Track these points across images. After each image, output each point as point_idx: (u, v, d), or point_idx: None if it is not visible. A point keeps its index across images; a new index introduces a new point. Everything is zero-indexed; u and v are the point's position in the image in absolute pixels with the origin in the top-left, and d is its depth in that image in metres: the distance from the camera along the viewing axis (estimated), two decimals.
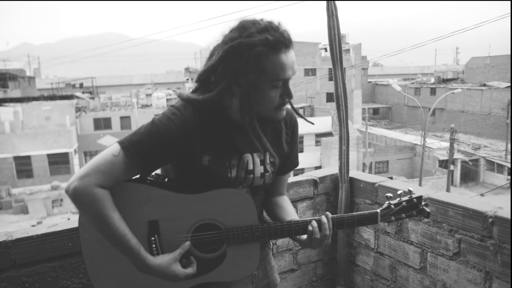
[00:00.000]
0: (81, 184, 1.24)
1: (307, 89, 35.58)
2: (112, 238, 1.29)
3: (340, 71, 2.31)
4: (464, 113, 35.28)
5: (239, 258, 1.43)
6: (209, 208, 1.38)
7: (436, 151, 25.85)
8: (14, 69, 40.19)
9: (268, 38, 1.23)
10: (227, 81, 1.29)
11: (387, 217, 1.44)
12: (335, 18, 2.24)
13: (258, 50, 1.23)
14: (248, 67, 1.24)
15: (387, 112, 46.65)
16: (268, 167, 1.49)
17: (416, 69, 67.20)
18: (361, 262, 2.41)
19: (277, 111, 1.37)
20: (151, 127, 1.30)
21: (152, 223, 1.37)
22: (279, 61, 1.26)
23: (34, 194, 22.60)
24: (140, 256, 1.31)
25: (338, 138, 2.41)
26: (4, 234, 1.64)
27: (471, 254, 1.79)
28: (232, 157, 1.41)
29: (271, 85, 1.29)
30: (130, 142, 1.28)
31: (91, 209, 1.26)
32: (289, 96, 1.35)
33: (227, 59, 1.27)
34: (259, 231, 1.40)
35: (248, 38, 1.24)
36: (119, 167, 1.27)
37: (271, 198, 1.64)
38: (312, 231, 1.39)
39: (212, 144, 1.38)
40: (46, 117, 29.32)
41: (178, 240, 1.38)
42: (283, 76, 1.28)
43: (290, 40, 1.28)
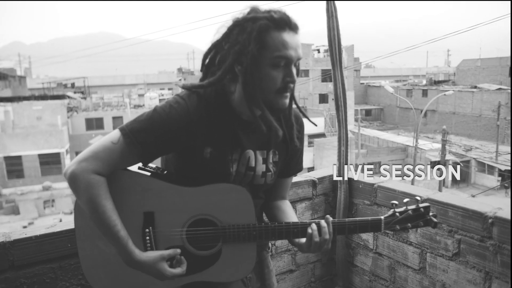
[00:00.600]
0: (78, 168, 1.24)
1: (299, 90, 35.65)
2: (101, 226, 1.28)
3: (339, 72, 2.32)
4: (455, 114, 35.60)
5: (234, 258, 1.39)
6: (206, 203, 1.35)
7: (428, 152, 26.04)
8: (4, 68, 39.79)
9: (273, 15, 1.24)
10: (231, 58, 1.26)
11: (391, 225, 1.40)
12: (335, 19, 2.24)
13: (261, 23, 1.23)
14: (250, 40, 1.22)
15: (380, 114, 46.91)
16: (270, 167, 1.46)
17: (408, 71, 67.67)
18: (360, 262, 2.41)
19: (279, 96, 1.30)
20: (152, 114, 1.28)
21: (148, 215, 1.35)
22: (281, 38, 1.24)
23: (25, 195, 22.36)
24: (127, 249, 1.29)
25: (337, 138, 2.41)
26: (2, 235, 1.62)
27: (471, 254, 1.80)
28: (234, 151, 1.39)
29: (273, 62, 1.25)
30: (130, 129, 1.26)
31: (85, 194, 1.25)
32: (291, 79, 1.29)
33: (232, 32, 1.27)
34: (256, 231, 1.37)
35: (253, 14, 1.26)
36: (118, 155, 1.26)
37: (272, 202, 1.61)
38: (312, 234, 1.36)
39: (215, 137, 1.35)
40: (37, 117, 29.02)
41: (172, 234, 1.36)
42: (285, 53, 1.25)
43: (295, 24, 1.27)
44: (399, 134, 34.60)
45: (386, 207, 2.19)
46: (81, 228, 1.38)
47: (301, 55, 1.32)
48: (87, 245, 1.39)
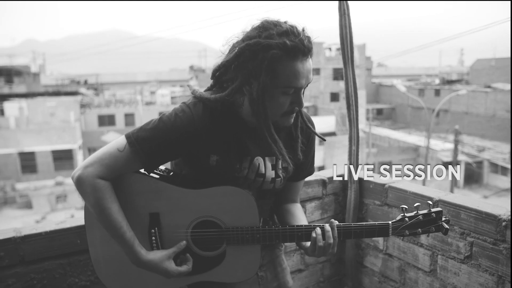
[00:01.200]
0: (84, 173, 1.27)
1: (311, 88, 35.51)
2: (108, 228, 1.31)
3: (351, 70, 2.29)
4: (468, 114, 35.12)
5: (239, 260, 1.41)
6: (210, 205, 1.37)
7: (439, 152, 25.75)
8: (19, 65, 40.28)
9: (286, 42, 1.20)
10: (240, 80, 1.27)
11: (400, 230, 1.36)
12: (347, 17, 2.21)
13: (273, 53, 1.20)
14: (261, 69, 1.22)
15: (391, 113, 46.51)
16: (279, 173, 1.46)
17: (420, 70, 66.93)
18: (369, 263, 2.39)
19: (284, 118, 1.34)
20: (158, 124, 1.30)
21: (153, 216, 1.37)
22: (294, 68, 1.23)
23: (39, 190, 22.66)
24: (133, 249, 1.32)
25: (348, 138, 2.38)
26: (12, 230, 1.64)
27: (483, 257, 1.76)
28: (243, 159, 1.39)
29: (282, 91, 1.26)
30: (136, 138, 1.29)
31: (91, 198, 1.28)
32: (299, 105, 1.31)
33: (242, 57, 1.25)
34: (260, 233, 1.37)
35: (266, 39, 1.22)
36: (123, 162, 1.28)
37: (283, 205, 1.60)
38: (315, 239, 1.35)
39: (221, 145, 1.36)
40: (50, 113, 29.38)
41: (177, 234, 1.38)
42: (295, 84, 1.25)
43: (309, 48, 1.25)
44: (410, 134, 34.27)
45: (397, 207, 2.17)
46: (91, 224, 1.40)
47: (311, 79, 1.31)
48: (97, 241, 1.41)
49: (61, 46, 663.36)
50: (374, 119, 40.90)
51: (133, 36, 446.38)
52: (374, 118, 41.83)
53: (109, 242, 1.38)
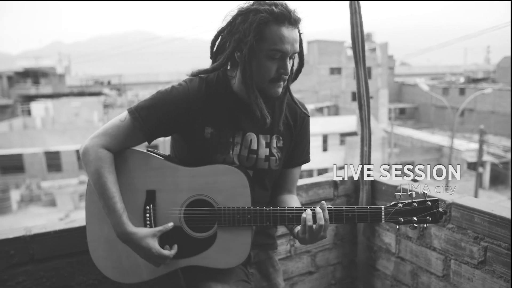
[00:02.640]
0: (90, 143, 1.36)
1: (332, 88, 35.23)
2: (101, 197, 1.36)
3: (362, 70, 2.25)
4: (494, 114, 34.14)
5: (230, 243, 1.41)
6: (205, 183, 1.39)
7: (464, 152, 25.11)
8: (45, 67, 41.40)
9: (273, 9, 1.30)
10: (232, 46, 1.34)
11: (393, 216, 1.34)
12: (358, 15, 2.18)
13: (261, 16, 1.29)
14: (250, 30, 1.29)
15: (414, 112, 45.68)
16: (274, 151, 1.49)
17: (444, 69, 65.40)
18: (382, 266, 2.34)
19: (272, 85, 1.38)
20: (156, 94, 1.41)
21: (150, 193, 1.42)
22: (279, 32, 1.30)
23: (63, 188, 23.23)
24: (120, 220, 1.36)
25: (360, 138, 2.34)
26: (23, 229, 1.67)
27: (498, 263, 1.70)
28: (236, 134, 1.44)
29: (269, 54, 1.32)
30: (135, 107, 1.38)
31: (92, 165, 1.35)
32: (285, 71, 1.36)
33: (235, 21, 1.35)
34: (251, 214, 1.38)
35: (256, 6, 1.32)
36: (124, 131, 1.37)
37: (279, 196, 1.61)
38: (305, 219, 1.34)
39: (215, 117, 1.42)
40: (75, 113, 30.10)
41: (171, 212, 1.41)
42: (281, 47, 1.31)
43: (296, 19, 1.33)
44: (433, 133, 33.56)
45: None
46: (91, 203, 1.45)
47: (298, 49, 1.37)
48: (95, 220, 1.45)
49: (86, 48, 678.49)
50: (396, 119, 40.27)
51: (156, 37, 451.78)
52: (396, 117, 41.18)
53: (105, 221, 1.41)
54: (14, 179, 24.58)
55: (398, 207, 1.35)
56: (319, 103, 32.88)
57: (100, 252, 1.46)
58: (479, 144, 18.52)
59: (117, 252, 1.44)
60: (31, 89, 38.92)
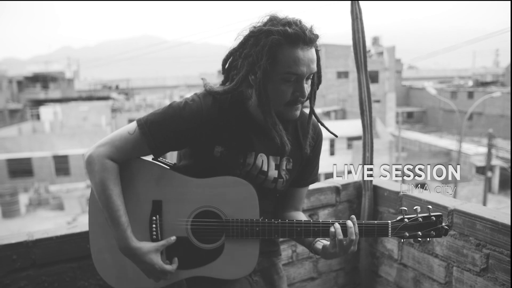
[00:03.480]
0: (95, 152, 1.33)
1: (339, 92, 35.15)
2: (106, 209, 1.34)
3: (364, 75, 2.25)
4: (503, 117, 33.81)
5: (237, 254, 1.40)
6: (213, 195, 1.38)
7: (472, 157, 24.89)
8: (55, 71, 41.84)
9: (287, 29, 1.24)
10: (245, 69, 1.30)
11: (399, 231, 1.35)
12: (359, 21, 2.18)
13: (273, 39, 1.24)
14: (263, 54, 1.25)
15: (422, 116, 45.40)
16: (283, 174, 1.46)
17: (453, 72, 64.99)
18: (384, 273, 2.33)
19: (288, 109, 1.34)
20: (167, 109, 1.36)
21: (156, 203, 1.40)
22: (293, 55, 1.25)
23: (70, 192, 23.39)
24: (125, 234, 1.34)
25: (362, 144, 2.34)
26: (25, 234, 1.69)
27: (500, 271, 1.68)
28: (247, 155, 1.41)
29: (283, 77, 1.28)
30: (145, 121, 1.34)
31: (97, 176, 1.32)
32: (301, 94, 1.31)
33: (247, 44, 1.30)
34: (259, 226, 1.37)
35: (269, 27, 1.26)
36: (132, 145, 1.34)
37: (285, 213, 1.59)
38: (335, 233, 1.33)
39: (227, 137, 1.38)
40: (83, 117, 30.34)
41: (178, 223, 1.39)
42: (295, 70, 1.26)
43: (311, 38, 1.27)
44: (441, 137, 33.30)
45: None
46: (94, 213, 1.43)
47: (315, 69, 1.32)
48: (98, 230, 1.44)
49: (94, 53, 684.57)
50: (404, 123, 40.02)
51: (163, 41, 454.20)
52: (404, 121, 40.93)
53: (109, 231, 1.40)
54: (22, 182, 24.81)
55: (404, 222, 1.36)
56: (326, 107, 32.81)
57: (104, 261, 1.45)
58: (487, 148, 18.33)
59: (121, 261, 1.42)
60: (40, 93, 39.34)
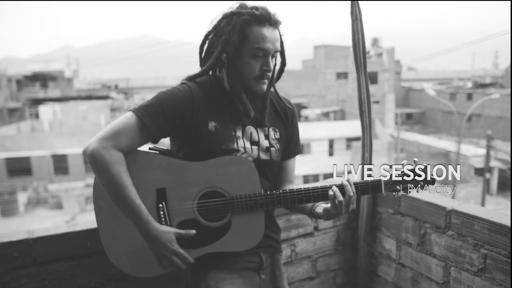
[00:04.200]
0: (99, 145, 1.33)
1: (338, 92, 35.18)
2: (122, 201, 1.36)
3: (364, 77, 2.26)
4: (502, 119, 33.87)
5: (244, 227, 1.47)
6: (213, 175, 1.44)
7: (471, 158, 24.93)
8: (54, 70, 41.82)
9: (255, 12, 1.41)
10: (219, 48, 1.43)
11: (391, 186, 1.48)
12: (359, 22, 2.19)
13: (244, 18, 1.40)
14: (234, 32, 1.39)
15: (421, 117, 45.45)
16: (273, 143, 1.57)
17: (452, 74, 65.07)
18: (382, 272, 2.34)
19: (257, 82, 1.47)
20: (158, 94, 1.45)
21: (160, 191, 1.44)
22: (261, 32, 1.41)
23: (69, 191, 23.39)
24: (147, 220, 1.38)
25: (361, 145, 2.36)
26: (26, 232, 1.70)
27: (498, 271, 1.70)
28: (236, 128, 1.50)
29: (252, 52, 1.42)
30: (140, 106, 1.41)
31: (107, 171, 1.33)
32: (268, 68, 1.45)
33: (220, 24, 1.44)
34: (262, 199, 1.45)
35: (239, 10, 1.43)
36: (132, 129, 1.37)
37: (282, 188, 1.67)
38: (334, 195, 1.44)
39: (217, 113, 1.47)
40: (82, 117, 30.35)
41: (184, 207, 1.44)
42: (263, 46, 1.41)
43: (276, 21, 1.43)
44: (440, 139, 33.35)
45: (410, 216, 2.12)
46: (100, 206, 1.46)
47: (279, 48, 1.47)
48: (108, 224, 1.46)
49: (94, 52, 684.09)
50: (403, 124, 40.08)
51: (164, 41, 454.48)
52: (403, 122, 41.00)
53: (119, 221, 1.44)
54: (21, 181, 24.80)
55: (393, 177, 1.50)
56: (325, 107, 32.86)
57: (119, 252, 1.48)
58: (486, 150, 18.37)
59: (134, 249, 1.47)
60: (40, 92, 39.33)
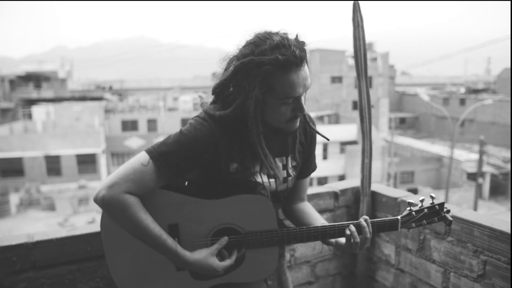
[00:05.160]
0: (110, 193, 1.26)
1: (333, 96, 35.31)
2: (148, 240, 1.32)
3: (365, 82, 2.27)
4: (495, 125, 34.19)
5: (258, 261, 1.46)
6: (228, 213, 1.40)
7: (464, 163, 25.11)
8: (48, 71, 41.55)
9: (278, 57, 1.23)
10: (243, 97, 1.31)
11: (408, 224, 1.45)
12: (361, 29, 2.20)
13: (266, 69, 1.24)
14: (255, 84, 1.26)
15: (414, 122, 45.73)
16: (290, 171, 1.52)
17: (445, 79, 65.60)
18: (381, 278, 2.34)
19: (289, 124, 1.39)
20: (179, 137, 1.32)
21: (172, 227, 1.39)
22: (288, 80, 1.26)
23: (62, 193, 23.20)
24: (178, 254, 1.34)
25: (361, 150, 2.36)
26: (25, 236, 1.68)
27: (497, 277, 1.71)
28: (256, 163, 1.44)
29: (281, 102, 1.30)
30: (159, 152, 1.29)
31: (123, 215, 1.28)
32: (300, 110, 1.35)
33: (238, 75, 1.30)
34: (278, 236, 1.42)
35: (259, 56, 1.25)
36: (149, 177, 1.29)
37: (293, 205, 1.65)
38: (351, 235, 1.41)
39: (237, 152, 1.41)
40: (76, 118, 30.16)
41: (198, 243, 1.41)
42: (292, 94, 1.29)
43: (302, 57, 1.27)
44: (433, 143, 33.56)
45: None
46: (109, 238, 1.40)
47: (309, 85, 1.34)
48: (116, 254, 1.41)
49: (89, 53, 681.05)
50: (397, 128, 40.30)
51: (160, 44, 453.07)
52: (397, 127, 41.22)
53: (129, 253, 1.40)
54: (13, 182, 24.57)
55: (412, 216, 1.45)
56: (320, 111, 32.94)
57: (129, 284, 1.44)
58: (479, 155, 18.51)
59: (146, 280, 1.44)
60: (33, 93, 39.05)
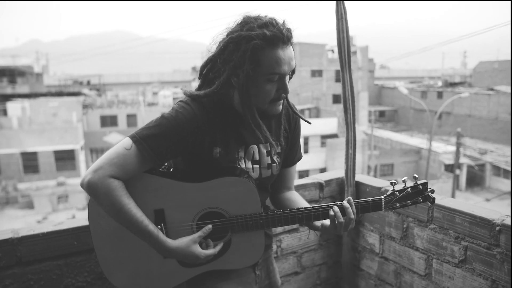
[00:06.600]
0: (95, 176, 1.28)
1: (313, 90, 35.51)
2: (130, 225, 1.33)
3: (348, 74, 2.30)
4: (471, 117, 35.05)
5: (244, 246, 1.47)
6: (213, 196, 1.41)
7: (442, 155, 25.69)
8: (22, 66, 40.43)
9: (266, 33, 1.27)
10: (227, 73, 1.33)
11: (392, 204, 1.45)
12: (344, 21, 2.22)
13: (255, 43, 1.27)
14: (245, 59, 1.28)
15: (393, 115, 46.44)
16: (275, 158, 1.53)
17: (423, 72, 66.80)
18: (366, 266, 2.40)
19: (273, 105, 1.40)
20: (161, 120, 1.34)
21: (158, 212, 1.40)
22: (275, 56, 1.29)
23: (40, 190, 22.73)
24: (159, 240, 1.35)
25: (345, 141, 2.39)
26: (10, 232, 1.65)
27: (478, 262, 1.77)
28: (239, 148, 1.45)
29: (267, 78, 1.32)
30: (141, 136, 1.31)
31: (107, 199, 1.29)
32: (285, 91, 1.37)
33: (226, 50, 1.32)
34: (262, 219, 1.43)
35: (247, 31, 1.28)
36: (132, 160, 1.31)
37: (280, 194, 1.67)
38: (335, 216, 1.41)
39: (221, 137, 1.42)
40: (53, 114, 29.50)
41: (183, 228, 1.41)
42: (278, 70, 1.31)
43: (288, 37, 1.31)
44: (412, 136, 34.19)
45: (392, 211, 2.17)
46: (97, 229, 1.41)
47: (294, 66, 1.38)
48: (105, 245, 1.43)
49: (64, 47, 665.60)
50: (376, 121, 40.86)
51: (138, 37, 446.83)
52: (376, 120, 41.79)
53: (117, 243, 1.41)
54: None
55: (396, 195, 1.46)
56: (300, 105, 33.07)
57: (119, 273, 1.45)
58: (456, 147, 18.97)
59: (135, 269, 1.45)
60: (7, 88, 37.93)
